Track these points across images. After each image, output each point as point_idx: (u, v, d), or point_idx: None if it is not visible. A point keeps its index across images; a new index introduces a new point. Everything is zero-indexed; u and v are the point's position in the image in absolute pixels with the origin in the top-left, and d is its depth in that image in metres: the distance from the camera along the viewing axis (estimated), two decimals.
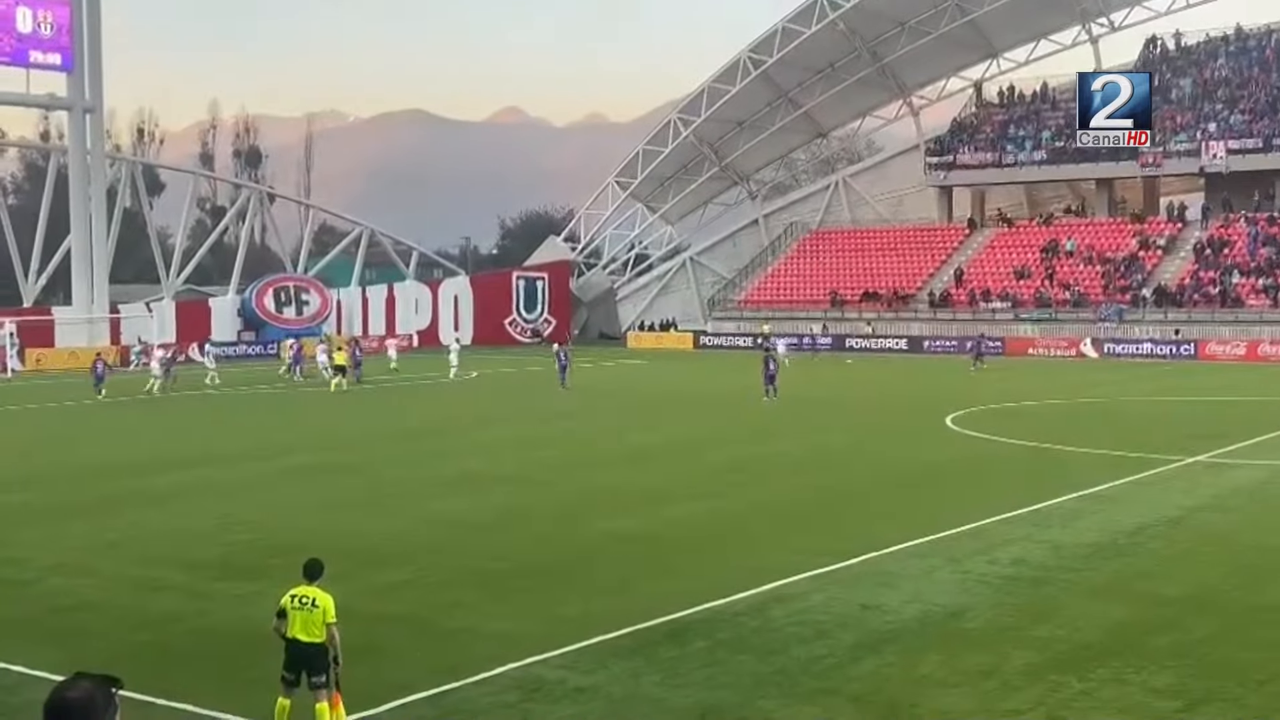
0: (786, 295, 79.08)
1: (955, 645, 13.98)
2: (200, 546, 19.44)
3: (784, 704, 12.15)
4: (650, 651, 13.79)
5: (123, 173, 76.11)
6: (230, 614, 15.45)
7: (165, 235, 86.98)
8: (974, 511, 21.44)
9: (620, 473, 26.92)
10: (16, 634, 14.60)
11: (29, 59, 63.64)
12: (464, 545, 19.42)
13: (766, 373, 42.16)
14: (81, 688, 3.59)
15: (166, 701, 11.79)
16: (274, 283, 76.45)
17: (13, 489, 25.16)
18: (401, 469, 27.63)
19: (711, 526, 20.85)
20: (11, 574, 17.74)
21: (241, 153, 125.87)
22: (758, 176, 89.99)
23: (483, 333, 78.92)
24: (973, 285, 73.62)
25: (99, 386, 45.95)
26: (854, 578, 17.12)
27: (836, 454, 29.85)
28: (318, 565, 11.62)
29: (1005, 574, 17.40)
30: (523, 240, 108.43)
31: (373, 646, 13.45)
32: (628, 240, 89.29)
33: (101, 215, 67.07)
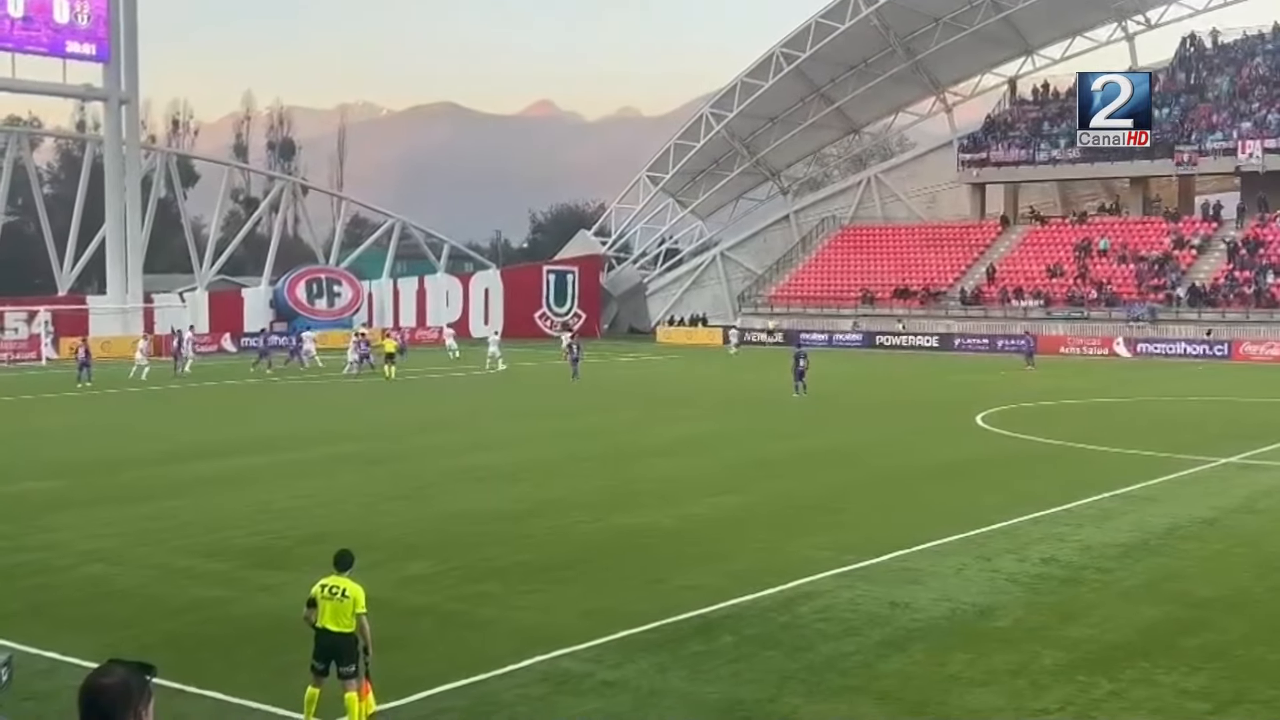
0: (817, 292, 78.87)
1: (984, 644, 13.93)
2: (233, 535, 19.56)
3: (810, 701, 12.14)
4: (677, 646, 13.80)
5: (157, 163, 76.67)
6: (261, 603, 15.55)
7: (199, 226, 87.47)
8: (1004, 510, 21.35)
9: (649, 467, 26.92)
10: (50, 620, 14.73)
11: (65, 49, 64.09)
12: (492, 538, 19.47)
13: (796, 369, 42.25)
14: (116, 674, 3.62)
15: (197, 689, 11.87)
16: (306, 274, 76.82)
17: (49, 475, 25.37)
18: (430, 460, 27.72)
19: (739, 522, 20.83)
20: (46, 560, 17.90)
21: (275, 144, 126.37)
22: (789, 172, 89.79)
23: (513, 326, 79.07)
24: (1005, 283, 73.27)
25: (82, 374, 46.18)
26: (882, 575, 17.07)
27: (867, 450, 29.77)
28: (348, 556, 11.68)
29: (1035, 573, 17.32)
30: (553, 234, 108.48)
31: (402, 637, 13.50)
32: (658, 235, 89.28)
33: (136, 205, 67.54)
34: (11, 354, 60.15)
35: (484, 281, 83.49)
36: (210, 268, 77.05)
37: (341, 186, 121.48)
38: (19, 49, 62.57)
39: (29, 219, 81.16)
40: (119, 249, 66.56)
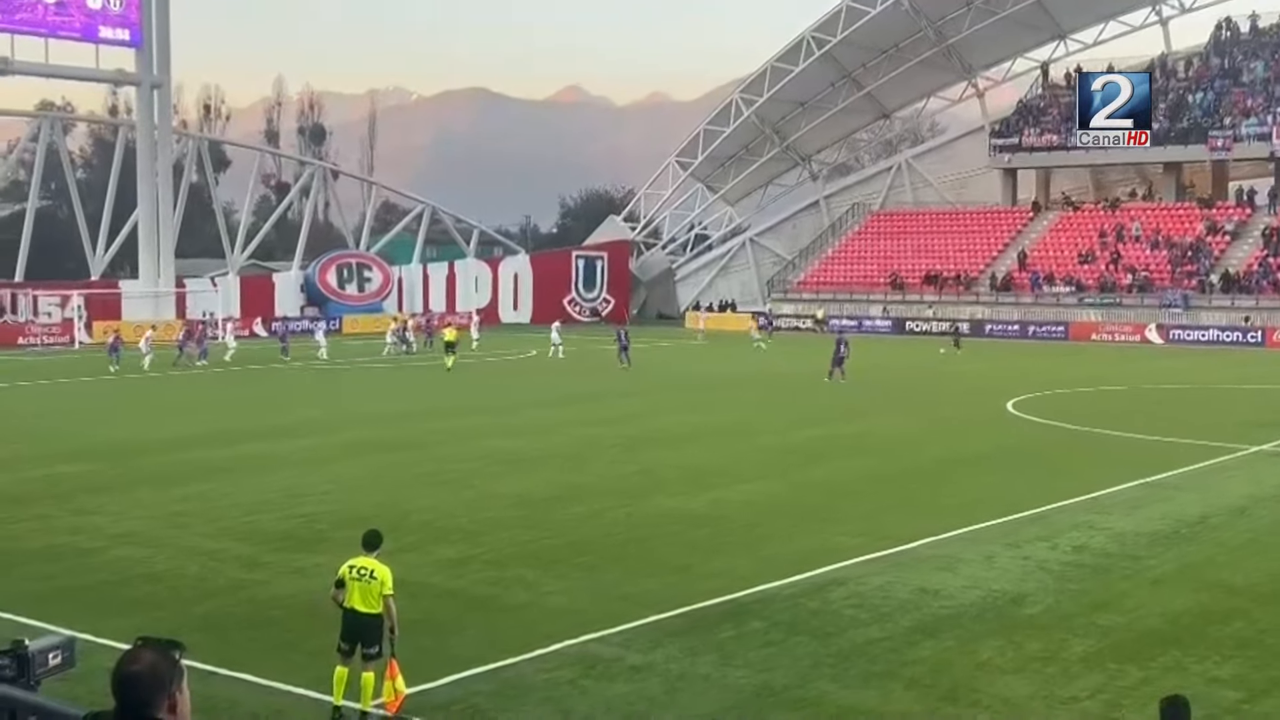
0: (847, 277, 78.57)
1: (1015, 631, 13.88)
2: (263, 518, 19.67)
3: (841, 686, 12.13)
4: (707, 631, 13.80)
5: (189, 148, 76.93)
6: (291, 586, 15.63)
7: (230, 211, 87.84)
8: (1035, 497, 21.27)
9: (680, 453, 26.92)
10: (83, 602, 14.85)
11: (98, 34, 64.42)
12: (522, 522, 19.50)
13: (836, 355, 42.21)
14: (145, 660, 3.62)
15: (228, 671, 11.95)
16: (337, 259, 77.05)
17: (82, 459, 25.56)
18: (461, 445, 27.78)
19: (770, 508, 20.81)
20: (79, 543, 18.04)
21: (306, 129, 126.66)
22: (819, 157, 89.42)
23: (542, 311, 79.03)
24: (1036, 269, 72.84)
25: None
26: (913, 562, 17.03)
27: (898, 437, 29.66)
28: (377, 536, 11.72)
29: (1066, 560, 17.25)
30: (583, 219, 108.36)
31: (432, 620, 13.56)
32: (687, 220, 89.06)
33: (168, 190, 67.88)
34: (44, 338, 60.59)
35: (513, 267, 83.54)
36: (241, 253, 77.35)
37: (372, 171, 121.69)
38: (52, 34, 62.91)
39: (62, 203, 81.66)
40: (151, 234, 66.91)
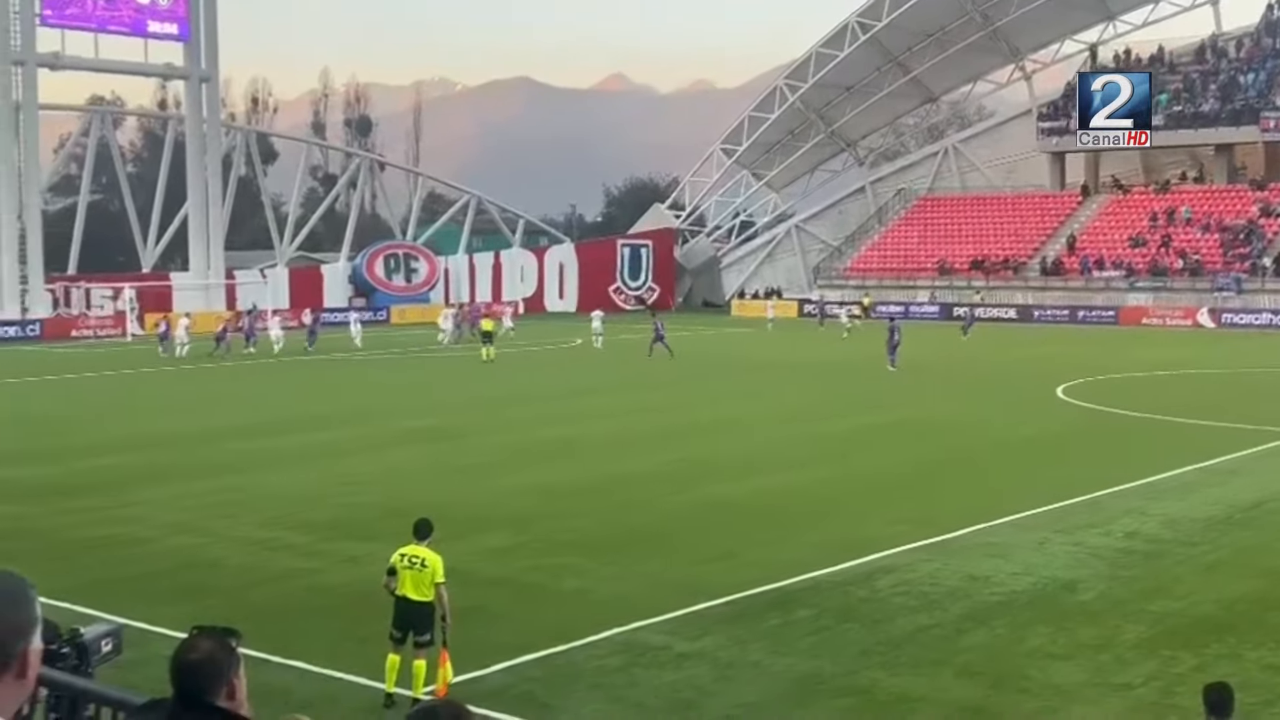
0: (894, 263, 78.18)
1: (1066, 618, 13.79)
2: (314, 507, 19.83)
3: (890, 673, 12.09)
4: (755, 619, 13.80)
5: (237, 141, 77.52)
6: (343, 574, 15.76)
7: (278, 203, 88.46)
8: (1086, 483, 21.10)
9: (726, 440, 26.90)
10: (138, 590, 15.03)
11: (147, 29, 65.05)
12: (569, 511, 19.56)
13: (890, 342, 41.94)
14: (203, 649, 3.66)
15: (281, 659, 12.05)
16: (384, 250, 77.45)
17: (135, 449, 25.85)
18: (508, 434, 27.85)
19: (818, 495, 20.76)
20: (134, 532, 18.25)
21: (352, 121, 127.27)
22: (865, 143, 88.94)
23: (587, 300, 79.09)
24: (1085, 253, 72.18)
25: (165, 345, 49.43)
26: (963, 549, 16.94)
27: (946, 424, 29.50)
28: (427, 525, 11.79)
29: (1119, 547, 17.12)
30: (628, 208, 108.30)
31: (481, 608, 13.62)
32: (732, 208, 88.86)
33: (217, 183, 68.45)
34: (97, 330, 61.30)
35: (559, 256, 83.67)
36: (290, 244, 77.89)
37: (418, 162, 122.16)
38: (102, 29, 63.62)
39: (113, 197, 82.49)
40: (201, 226, 67.52)
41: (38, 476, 22.69)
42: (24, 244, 61.16)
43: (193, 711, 3.53)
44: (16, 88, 60.74)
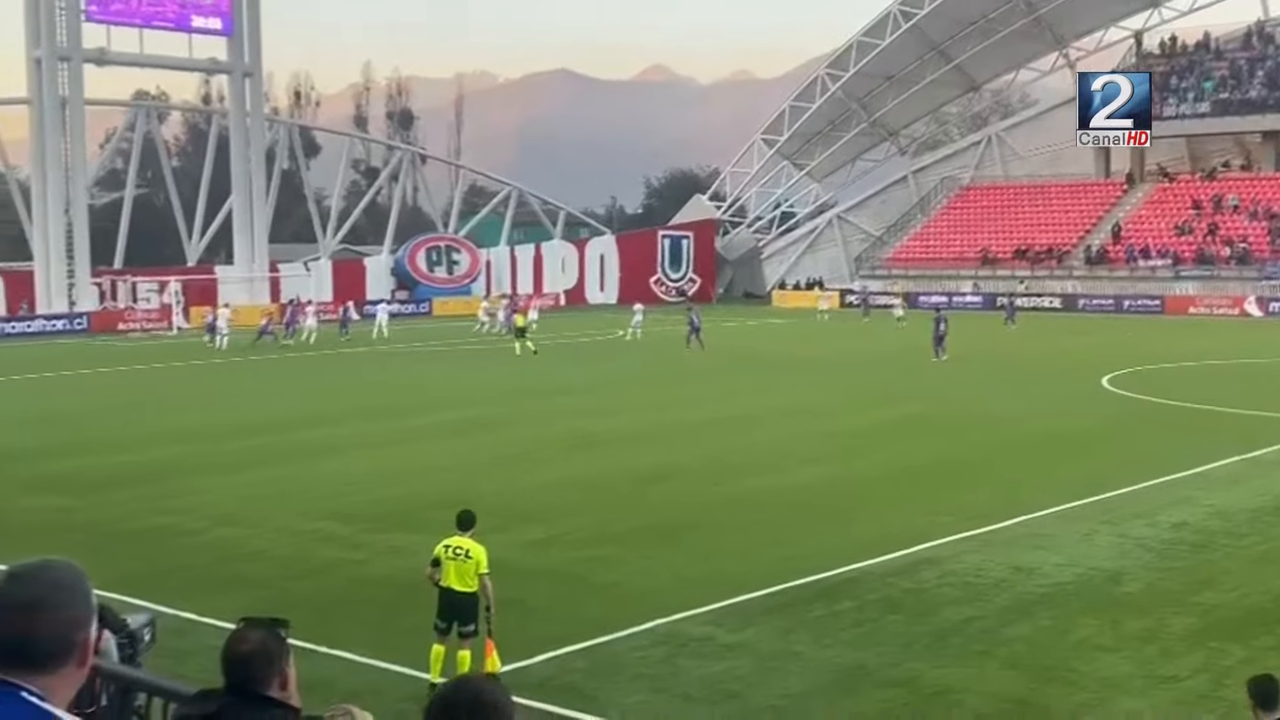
0: (936, 253, 77.77)
1: (1113, 610, 13.69)
2: (356, 499, 19.94)
3: (935, 664, 12.04)
4: (798, 610, 13.78)
5: (281, 135, 78.06)
6: (388, 565, 15.84)
7: (321, 196, 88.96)
8: (1133, 474, 20.92)
9: (768, 431, 26.84)
10: (186, 581, 15.17)
11: (191, 24, 65.57)
12: (610, 503, 19.58)
13: (936, 333, 41.68)
14: (254, 639, 3.69)
15: (327, 649, 12.13)
16: (426, 242, 77.77)
17: (180, 441, 26.08)
18: (546, 426, 27.89)
19: (860, 486, 20.69)
20: (180, 524, 18.42)
21: (394, 114, 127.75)
22: (907, 132, 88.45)
23: (628, 291, 79.09)
24: (1131, 242, 71.54)
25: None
26: (1007, 540, 16.85)
27: (991, 415, 29.32)
28: (470, 516, 11.84)
29: (1166, 538, 16.97)
30: (668, 199, 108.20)
31: (524, 600, 13.66)
32: (773, 198, 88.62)
33: (261, 177, 68.91)
34: (144, 323, 61.88)
35: (599, 247, 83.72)
36: (333, 237, 78.34)
37: (459, 155, 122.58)
38: (146, 24, 64.21)
39: (158, 191, 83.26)
40: (245, 219, 68.06)
41: (85, 469, 22.94)
42: (71, 238, 61.84)
43: (245, 702, 3.56)
44: (63, 83, 61.36)
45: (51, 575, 2.95)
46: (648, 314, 55.01)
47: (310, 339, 51.51)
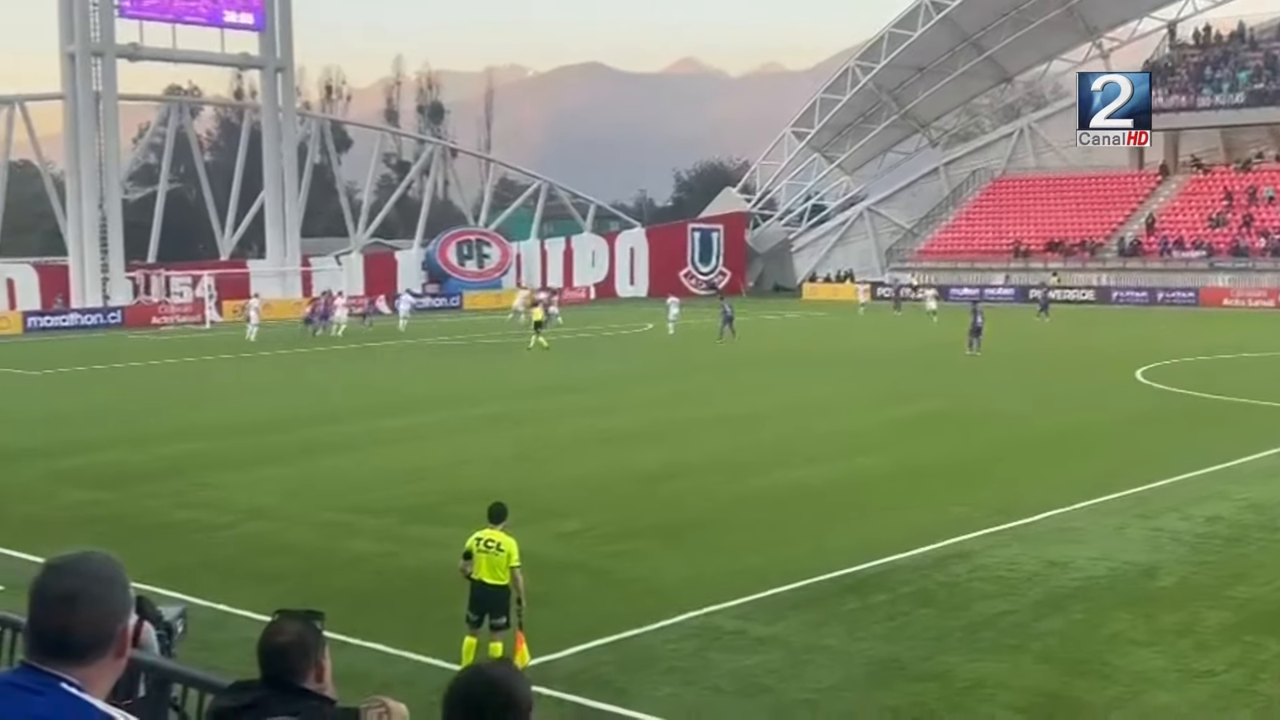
0: (968, 245, 77.42)
1: (1147, 604, 13.61)
2: (385, 492, 20.01)
3: (968, 658, 11.99)
4: (830, 604, 13.75)
5: (312, 129, 78.29)
6: (419, 558, 15.90)
7: (352, 190, 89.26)
8: (1166, 467, 20.79)
9: (797, 425, 26.79)
10: (219, 574, 15.26)
11: (223, 19, 65.90)
12: (638, 497, 19.58)
13: (973, 325, 41.30)
14: (291, 630, 3.72)
15: (360, 641, 12.18)
16: (456, 236, 77.94)
17: (212, 435, 26.23)
18: (572, 420, 27.92)
19: (892, 480, 20.62)
20: (213, 518, 18.54)
21: (424, 108, 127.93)
22: (939, 124, 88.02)
23: (658, 284, 79.14)
24: (1165, 234, 71.04)
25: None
26: (1040, 534, 16.77)
27: (1023, 408, 29.18)
28: (502, 509, 11.86)
29: (1200, 532, 16.86)
30: (698, 192, 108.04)
31: (554, 592, 13.68)
32: (804, 191, 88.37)
33: (292, 171, 69.20)
34: (177, 317, 62.28)
35: (629, 241, 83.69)
36: (364, 231, 78.58)
37: (489, 149, 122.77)
38: (179, 20, 64.53)
39: (191, 186, 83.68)
40: (277, 214, 68.38)
41: (118, 462, 23.12)
42: (105, 232, 62.27)
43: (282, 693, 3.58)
44: (96, 79, 61.77)
45: (90, 567, 2.97)
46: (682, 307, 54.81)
47: (339, 332, 51.90)
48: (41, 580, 2.95)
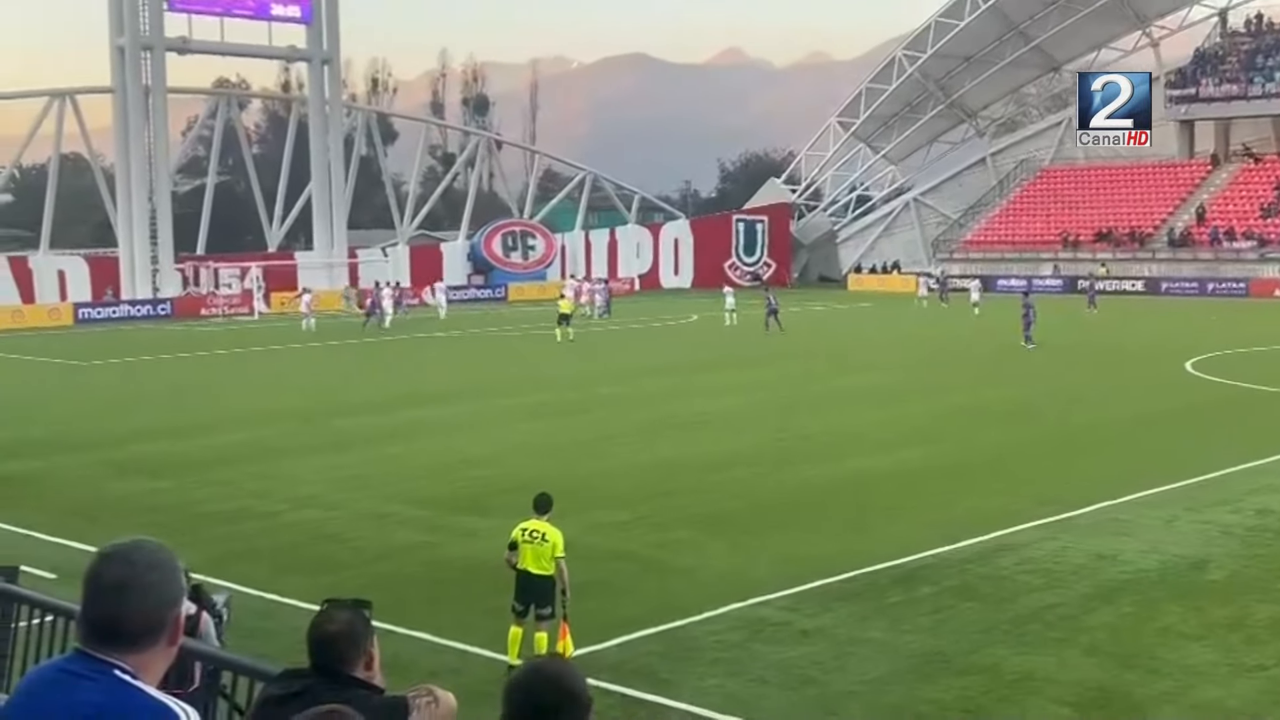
0: (1015, 236, 76.84)
1: (1196, 597, 13.48)
2: (432, 482, 20.12)
3: (1015, 652, 11.92)
4: (876, 596, 13.71)
5: (359, 122, 78.69)
6: (465, 548, 15.97)
7: (399, 182, 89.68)
8: (1216, 459, 20.57)
9: (844, 417, 26.71)
10: (267, 563, 15.40)
11: (270, 12, 66.37)
12: (683, 487, 19.56)
13: (1026, 319, 40.67)
14: (341, 620, 3.75)
15: (406, 630, 12.25)
16: (501, 227, 78.14)
17: (262, 425, 26.47)
18: (619, 410, 27.96)
19: (937, 472, 20.51)
20: (261, 507, 18.70)
21: (470, 100, 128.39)
22: (986, 113, 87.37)
23: (703, 276, 79.07)
24: (1215, 224, 70.23)
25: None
26: (1088, 527, 16.64)
27: (1072, 399, 28.94)
28: (547, 499, 11.90)
29: (1250, 524, 16.67)
30: (743, 183, 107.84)
31: (600, 582, 13.72)
32: (849, 181, 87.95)
33: (339, 163, 69.60)
34: (225, 308, 62.82)
35: (674, 232, 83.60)
36: (410, 223, 78.93)
37: (534, 140, 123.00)
38: (227, 13, 65.08)
39: (239, 178, 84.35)
40: (324, 206, 68.81)
41: (170, 451, 23.36)
42: (155, 224, 62.89)
43: (331, 682, 3.61)
44: (146, 72, 62.37)
45: (143, 555, 3.01)
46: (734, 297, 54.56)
47: (386, 323, 52.25)
48: (94, 568, 2.99)
